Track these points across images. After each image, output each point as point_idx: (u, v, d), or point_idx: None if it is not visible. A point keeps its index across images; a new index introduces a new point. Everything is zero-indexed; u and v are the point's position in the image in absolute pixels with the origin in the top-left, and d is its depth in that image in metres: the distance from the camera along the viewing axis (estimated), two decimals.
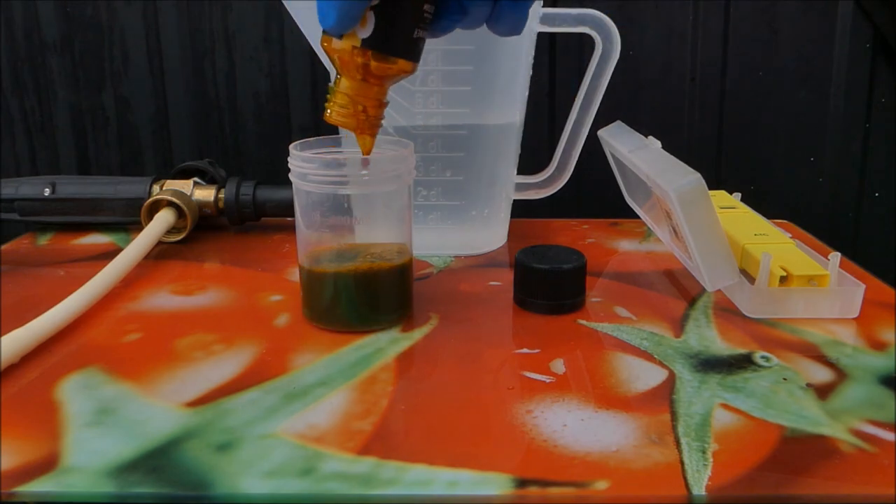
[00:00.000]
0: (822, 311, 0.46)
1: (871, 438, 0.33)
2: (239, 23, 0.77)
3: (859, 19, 0.75)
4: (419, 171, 0.56)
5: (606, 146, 0.61)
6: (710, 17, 0.75)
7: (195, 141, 0.80)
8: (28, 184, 0.64)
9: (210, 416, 0.35)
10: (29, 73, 0.80)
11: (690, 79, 0.76)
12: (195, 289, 0.52)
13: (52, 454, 0.32)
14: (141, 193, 0.63)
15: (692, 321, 0.46)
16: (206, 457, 0.32)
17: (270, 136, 0.80)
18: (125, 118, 0.80)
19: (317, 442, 0.33)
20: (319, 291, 0.45)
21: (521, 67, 0.56)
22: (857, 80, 0.76)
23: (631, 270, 0.56)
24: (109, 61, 0.79)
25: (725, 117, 0.78)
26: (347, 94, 0.39)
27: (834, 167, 0.78)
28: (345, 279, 0.44)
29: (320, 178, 0.42)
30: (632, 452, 0.32)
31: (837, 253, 0.47)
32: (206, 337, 0.44)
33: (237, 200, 0.64)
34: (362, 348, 0.42)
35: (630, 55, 0.75)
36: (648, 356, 0.41)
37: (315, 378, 0.39)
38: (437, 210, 0.57)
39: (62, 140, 0.81)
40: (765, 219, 0.56)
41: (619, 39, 0.56)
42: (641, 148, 0.54)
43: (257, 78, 0.78)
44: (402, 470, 0.31)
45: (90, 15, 0.78)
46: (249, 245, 0.63)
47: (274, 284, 0.53)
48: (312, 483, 0.30)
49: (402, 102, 0.54)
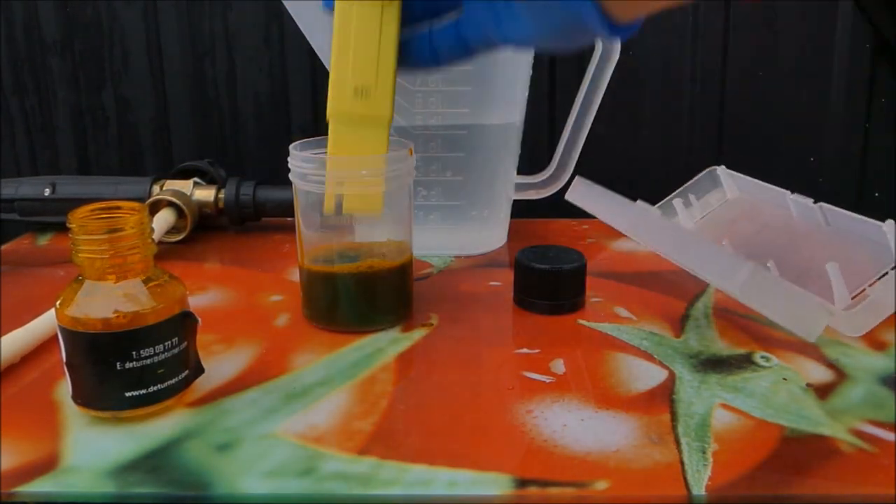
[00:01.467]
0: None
1: (871, 438, 0.33)
2: (239, 23, 0.77)
3: (859, 19, 0.74)
4: (419, 171, 0.56)
5: (587, 207, 0.57)
6: (710, 17, 0.75)
7: (195, 141, 0.80)
8: (28, 184, 0.64)
9: (210, 416, 0.35)
10: (29, 73, 0.80)
11: (691, 79, 0.76)
12: (195, 289, 0.52)
13: (52, 454, 0.32)
14: (141, 193, 0.63)
15: (692, 321, 0.46)
16: (206, 457, 0.32)
17: (270, 136, 0.80)
18: (125, 118, 0.80)
19: (317, 442, 0.33)
20: (319, 291, 0.45)
21: (521, 68, 0.56)
22: (857, 81, 0.76)
23: (631, 270, 0.56)
24: (110, 61, 0.79)
25: (725, 117, 0.77)
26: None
27: (834, 167, 0.78)
28: (345, 279, 0.44)
29: (320, 178, 0.42)
30: (632, 452, 0.32)
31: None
32: (206, 337, 0.44)
33: (237, 200, 0.64)
34: (362, 348, 0.42)
35: (630, 55, 0.75)
36: (648, 356, 0.41)
37: (315, 378, 0.39)
38: (437, 210, 0.57)
39: (62, 140, 0.81)
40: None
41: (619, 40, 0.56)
42: (642, 216, 0.52)
43: (257, 78, 0.78)
44: (402, 470, 0.31)
45: (90, 15, 0.78)
46: (249, 245, 0.63)
47: (274, 284, 0.53)
48: (312, 483, 0.30)
49: (402, 102, 0.54)
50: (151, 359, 0.34)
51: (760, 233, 0.55)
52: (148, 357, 0.34)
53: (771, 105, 0.77)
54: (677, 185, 0.65)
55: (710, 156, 0.78)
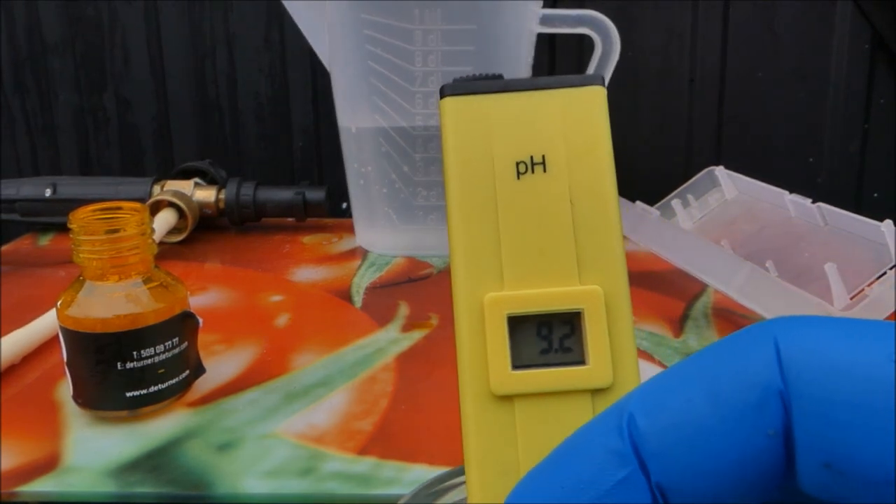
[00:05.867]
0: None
1: None
2: (240, 24, 0.77)
3: (858, 20, 0.75)
4: (419, 171, 0.56)
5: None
6: (710, 17, 0.75)
7: (196, 141, 0.80)
8: (29, 184, 0.64)
9: (210, 416, 0.35)
10: (30, 73, 0.80)
11: (690, 79, 0.76)
12: (196, 289, 0.52)
13: (53, 454, 0.32)
14: (142, 194, 0.63)
15: (691, 321, 0.46)
16: (206, 457, 0.32)
17: (271, 136, 0.80)
18: (126, 119, 0.80)
19: (317, 442, 0.33)
20: None
21: (521, 68, 0.56)
22: (856, 81, 0.76)
23: (631, 270, 0.56)
24: (110, 62, 0.79)
25: (724, 118, 0.78)
26: None
27: (833, 167, 0.78)
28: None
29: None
30: None
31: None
32: (207, 337, 0.44)
33: (238, 201, 0.64)
34: (362, 348, 0.43)
35: (630, 55, 0.75)
36: (648, 356, 0.41)
37: (315, 378, 0.39)
38: (438, 210, 0.57)
39: (63, 141, 0.81)
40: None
41: (618, 40, 0.56)
42: (641, 217, 0.52)
43: (258, 79, 0.78)
44: (402, 470, 0.31)
45: (91, 16, 0.78)
46: (250, 245, 0.63)
47: (274, 284, 0.53)
48: (312, 483, 0.30)
49: (402, 103, 0.54)
50: (152, 359, 0.34)
51: (759, 233, 0.56)
52: (148, 357, 0.34)
53: (770, 105, 0.77)
54: (676, 185, 0.65)
55: (710, 156, 0.79)
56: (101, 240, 0.34)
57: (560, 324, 0.17)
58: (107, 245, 0.34)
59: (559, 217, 0.17)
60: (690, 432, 0.12)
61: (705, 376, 0.13)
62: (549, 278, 0.17)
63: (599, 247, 0.17)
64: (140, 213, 0.35)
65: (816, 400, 0.12)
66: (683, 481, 0.12)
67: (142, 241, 0.35)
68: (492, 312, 0.17)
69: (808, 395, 0.12)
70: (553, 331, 0.17)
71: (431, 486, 0.23)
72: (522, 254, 0.17)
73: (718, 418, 0.12)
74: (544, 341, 0.17)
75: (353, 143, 0.58)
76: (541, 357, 0.17)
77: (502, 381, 0.16)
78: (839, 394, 0.12)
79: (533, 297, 0.17)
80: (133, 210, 0.36)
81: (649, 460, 0.12)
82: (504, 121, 0.17)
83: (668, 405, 0.13)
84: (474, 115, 0.17)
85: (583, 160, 0.17)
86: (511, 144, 0.17)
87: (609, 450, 0.13)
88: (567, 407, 0.16)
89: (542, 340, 0.17)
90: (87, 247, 0.34)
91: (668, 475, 0.12)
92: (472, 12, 0.52)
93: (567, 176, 0.17)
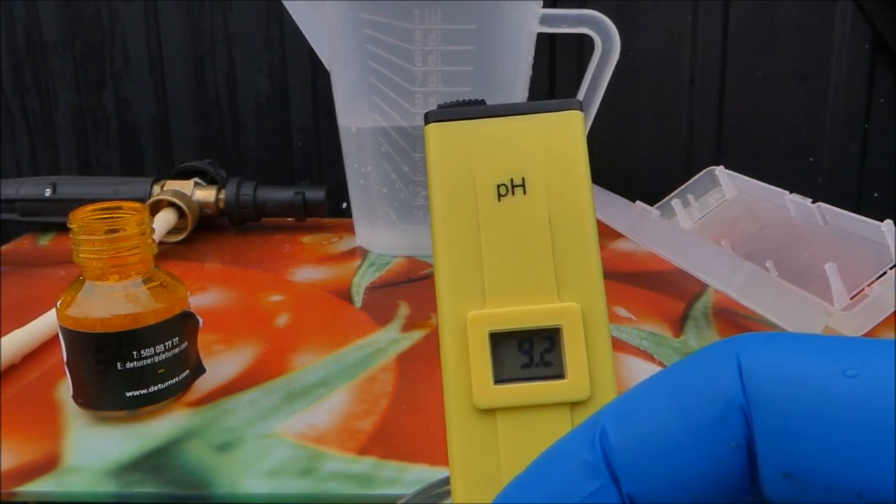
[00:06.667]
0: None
1: None
2: (239, 23, 0.77)
3: (859, 20, 0.75)
4: (419, 171, 0.56)
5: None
6: (710, 17, 0.75)
7: (196, 141, 0.80)
8: (29, 184, 0.64)
9: (210, 416, 0.35)
10: (30, 73, 0.80)
11: (690, 79, 0.76)
12: (196, 289, 0.52)
13: (53, 454, 0.32)
14: (142, 194, 0.63)
15: (691, 321, 0.46)
16: (206, 457, 0.32)
17: (270, 136, 0.80)
18: (126, 118, 0.80)
19: (317, 442, 0.33)
20: None
21: (521, 68, 0.56)
22: (857, 81, 0.76)
23: (630, 271, 0.56)
24: (110, 61, 0.79)
25: (725, 118, 0.78)
26: None
27: (833, 167, 0.78)
28: None
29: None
30: None
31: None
32: (207, 337, 0.44)
33: (238, 201, 0.64)
34: (362, 348, 0.43)
35: (630, 55, 0.75)
36: (648, 356, 0.41)
37: (315, 378, 0.39)
38: None
39: (63, 140, 0.81)
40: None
41: (618, 40, 0.56)
42: (641, 216, 0.52)
43: (258, 78, 0.78)
44: (402, 470, 0.31)
45: (91, 15, 0.78)
46: (249, 245, 0.63)
47: (274, 284, 0.53)
48: (312, 483, 0.30)
49: (402, 103, 0.54)
50: (152, 359, 0.34)
51: (759, 233, 0.56)
52: (148, 357, 0.34)
53: (770, 105, 0.77)
54: (676, 185, 0.65)
55: (710, 156, 0.79)
56: (101, 240, 0.34)
57: (541, 339, 0.17)
58: (107, 245, 0.34)
59: (539, 237, 0.18)
60: (658, 445, 0.13)
61: (672, 391, 0.13)
62: (530, 296, 0.17)
63: (577, 265, 0.18)
64: (140, 213, 0.35)
65: (775, 413, 0.12)
66: (653, 492, 0.13)
67: (142, 240, 0.35)
68: (474, 329, 0.17)
69: (767, 409, 0.12)
70: (534, 346, 0.17)
71: (431, 489, 0.23)
72: (503, 272, 0.17)
73: (685, 431, 0.13)
74: (525, 356, 0.17)
75: (353, 143, 0.58)
76: (522, 371, 0.17)
77: (485, 395, 0.17)
78: (797, 407, 0.12)
79: (513, 314, 0.17)
80: (133, 210, 0.35)
81: (620, 472, 0.13)
82: (486, 145, 0.18)
83: (638, 419, 0.13)
84: (457, 141, 0.18)
85: (561, 182, 0.18)
86: (492, 168, 0.18)
87: (582, 462, 0.13)
88: (547, 419, 0.17)
89: (524, 355, 0.17)
90: (87, 247, 0.34)
91: (638, 486, 0.13)
92: (472, 12, 0.52)
93: (546, 197, 0.18)
